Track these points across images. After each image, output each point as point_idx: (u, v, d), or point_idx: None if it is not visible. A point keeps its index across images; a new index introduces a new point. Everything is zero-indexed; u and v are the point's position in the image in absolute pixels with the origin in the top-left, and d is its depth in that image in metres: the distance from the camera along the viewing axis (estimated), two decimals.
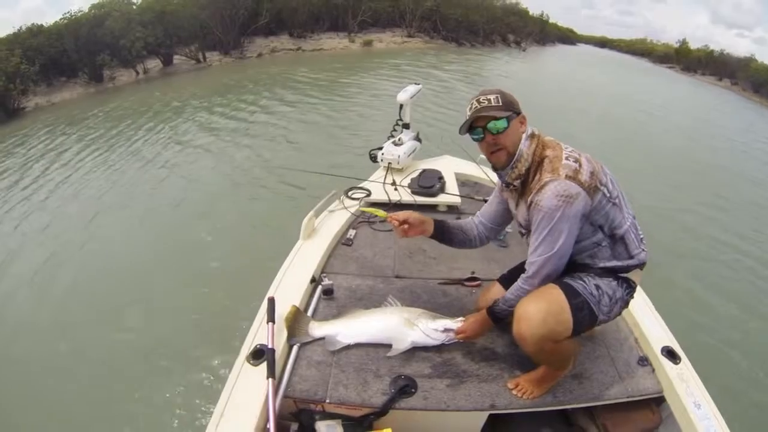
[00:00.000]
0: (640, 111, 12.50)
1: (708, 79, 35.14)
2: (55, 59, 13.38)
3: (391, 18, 24.85)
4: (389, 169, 2.69)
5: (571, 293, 1.20)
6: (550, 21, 46.98)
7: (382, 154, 2.72)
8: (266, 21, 19.11)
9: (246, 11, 17.79)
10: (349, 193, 2.43)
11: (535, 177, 1.21)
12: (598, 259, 1.25)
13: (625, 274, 1.27)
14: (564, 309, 1.18)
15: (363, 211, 1.86)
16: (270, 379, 1.24)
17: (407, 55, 18.96)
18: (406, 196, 2.45)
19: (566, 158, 1.17)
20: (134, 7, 15.85)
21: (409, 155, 2.77)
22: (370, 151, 2.84)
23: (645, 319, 1.62)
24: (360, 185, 2.50)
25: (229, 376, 1.30)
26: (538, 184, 1.18)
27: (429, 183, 2.50)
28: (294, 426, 1.30)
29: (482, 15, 27.53)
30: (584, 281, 1.23)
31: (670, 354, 1.47)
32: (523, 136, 1.24)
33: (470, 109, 1.23)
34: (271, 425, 1.13)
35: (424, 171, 2.64)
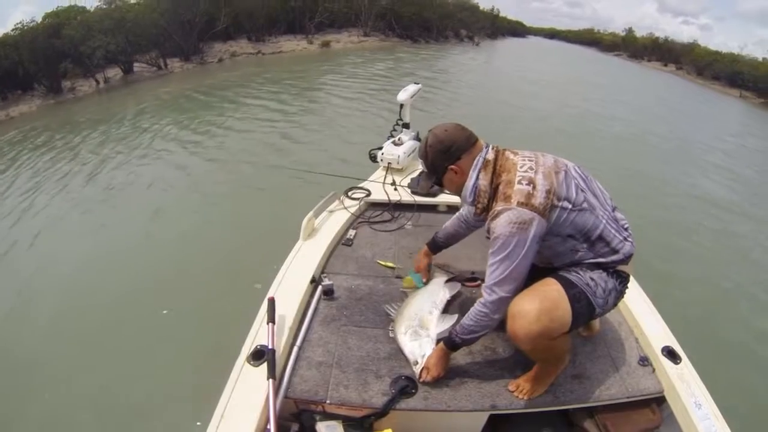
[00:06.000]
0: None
1: (654, 65, 36.39)
2: (9, 71, 12.43)
3: (347, 18, 25.03)
4: (389, 169, 2.69)
5: (567, 284, 1.20)
6: (501, 15, 48.32)
7: (382, 154, 2.72)
8: (224, 26, 18.82)
9: (205, 16, 17.43)
10: (349, 193, 2.43)
11: (492, 205, 1.22)
12: (581, 259, 1.24)
13: (613, 268, 1.25)
14: (559, 305, 1.17)
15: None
16: (270, 380, 1.24)
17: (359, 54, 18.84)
18: (406, 196, 2.45)
19: (519, 182, 1.16)
20: (91, 11, 15.20)
21: (409, 155, 2.77)
22: (370, 150, 2.84)
23: (645, 319, 1.62)
24: (360, 185, 2.50)
25: (229, 376, 1.30)
26: (492, 213, 1.18)
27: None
28: (294, 427, 1.30)
29: (435, 12, 27.99)
30: (579, 273, 1.23)
31: (671, 354, 1.47)
32: (472, 173, 1.26)
33: None
34: (272, 426, 1.13)
35: (424, 171, 2.63)
